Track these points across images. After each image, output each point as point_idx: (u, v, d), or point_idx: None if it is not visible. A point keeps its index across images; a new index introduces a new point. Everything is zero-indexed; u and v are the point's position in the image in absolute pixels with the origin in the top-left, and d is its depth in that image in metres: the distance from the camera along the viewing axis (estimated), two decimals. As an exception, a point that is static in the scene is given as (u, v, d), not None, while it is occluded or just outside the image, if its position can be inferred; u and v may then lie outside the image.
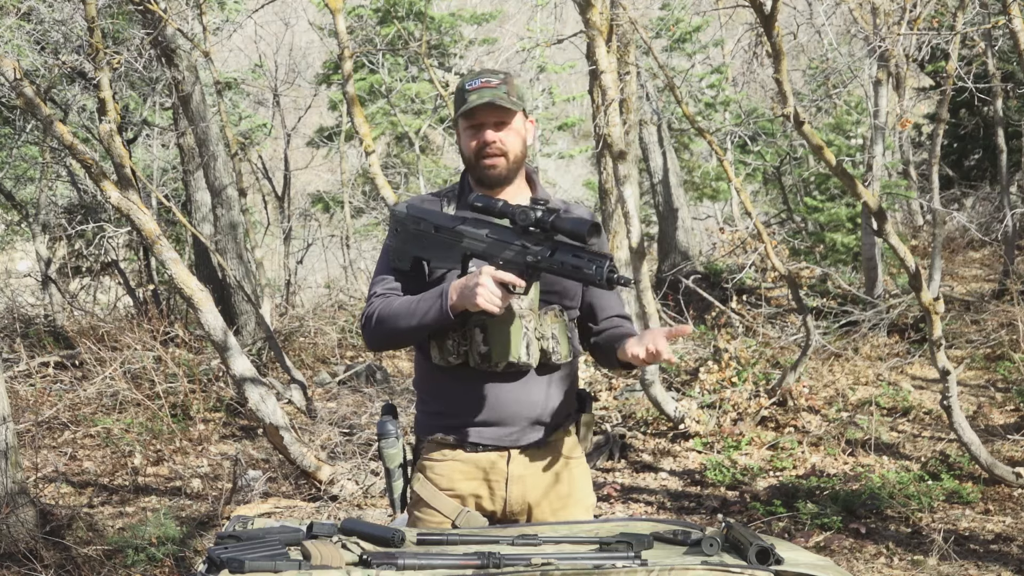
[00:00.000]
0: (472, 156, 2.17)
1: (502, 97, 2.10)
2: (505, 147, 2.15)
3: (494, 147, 2.14)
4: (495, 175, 2.16)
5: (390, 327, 2.12)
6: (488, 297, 1.95)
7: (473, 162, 2.17)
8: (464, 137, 2.18)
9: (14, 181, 12.02)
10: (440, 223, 2.13)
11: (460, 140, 2.22)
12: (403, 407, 6.79)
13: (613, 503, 5.23)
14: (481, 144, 2.15)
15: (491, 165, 2.16)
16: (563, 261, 1.98)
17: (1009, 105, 11.24)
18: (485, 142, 2.14)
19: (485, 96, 2.10)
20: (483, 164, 2.16)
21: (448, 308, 2.02)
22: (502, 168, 2.16)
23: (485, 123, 2.14)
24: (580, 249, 1.98)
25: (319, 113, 16.99)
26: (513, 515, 2.19)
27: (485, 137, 2.14)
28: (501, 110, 2.13)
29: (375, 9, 14.11)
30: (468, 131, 2.17)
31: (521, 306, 2.08)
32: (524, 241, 2.02)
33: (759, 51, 7.77)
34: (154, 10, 7.22)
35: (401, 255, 2.18)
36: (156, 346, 7.24)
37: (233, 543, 1.69)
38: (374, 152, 6.27)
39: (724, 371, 6.57)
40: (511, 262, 2.02)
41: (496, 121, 2.14)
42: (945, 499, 4.89)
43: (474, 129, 2.15)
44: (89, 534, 4.68)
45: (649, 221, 15.71)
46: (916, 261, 4.46)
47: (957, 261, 11.50)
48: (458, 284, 2.03)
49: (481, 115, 2.13)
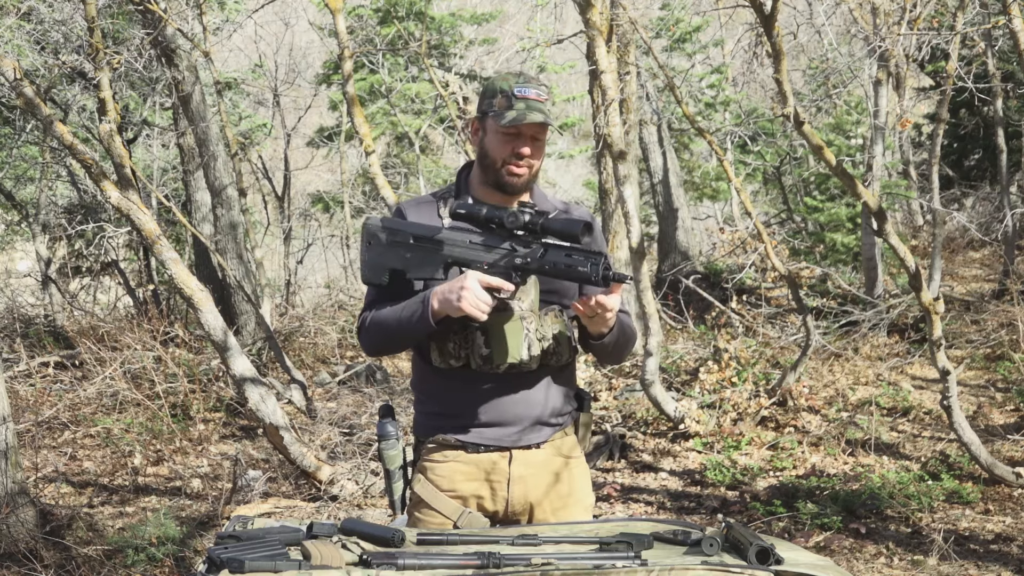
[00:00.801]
0: (500, 161, 2.12)
1: (547, 115, 2.08)
2: (534, 162, 2.14)
3: (526, 161, 2.12)
4: (518, 185, 2.14)
5: (381, 338, 2.13)
6: (473, 302, 1.94)
7: (498, 167, 2.13)
8: (496, 139, 2.12)
9: (14, 181, 12.03)
10: (419, 232, 2.09)
11: (485, 138, 2.15)
12: (403, 407, 6.79)
13: (613, 503, 5.23)
14: (515, 154, 2.11)
15: (518, 175, 2.12)
16: (555, 261, 1.96)
17: (1009, 105, 11.24)
18: (521, 154, 2.11)
19: (536, 112, 2.07)
20: (510, 171, 2.12)
21: (430, 315, 2.01)
22: (525, 180, 2.14)
23: (524, 135, 2.10)
24: (573, 249, 1.96)
25: (319, 113, 16.99)
26: (515, 515, 2.19)
27: (522, 150, 2.10)
28: (544, 128, 2.11)
29: (375, 9, 14.11)
30: (504, 136, 2.10)
31: (522, 307, 2.06)
32: (512, 244, 2.00)
33: (759, 51, 7.77)
34: (154, 10, 7.22)
35: (376, 269, 2.13)
36: (156, 346, 7.25)
37: (233, 543, 1.69)
38: (374, 152, 6.27)
39: (724, 371, 6.57)
40: (498, 266, 2.00)
41: (534, 135, 2.11)
42: (945, 499, 4.89)
43: (511, 137, 2.10)
44: (89, 534, 4.68)
45: (649, 221, 15.71)
46: (916, 261, 4.46)
47: (957, 261, 11.50)
48: (441, 290, 2.01)
49: (526, 128, 2.10)
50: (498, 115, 2.09)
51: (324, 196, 15.39)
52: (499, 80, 2.13)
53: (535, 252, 1.99)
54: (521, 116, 2.06)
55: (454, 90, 10.19)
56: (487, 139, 2.14)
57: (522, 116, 2.06)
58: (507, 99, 2.08)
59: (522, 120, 2.05)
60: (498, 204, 2.11)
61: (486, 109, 2.13)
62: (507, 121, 2.06)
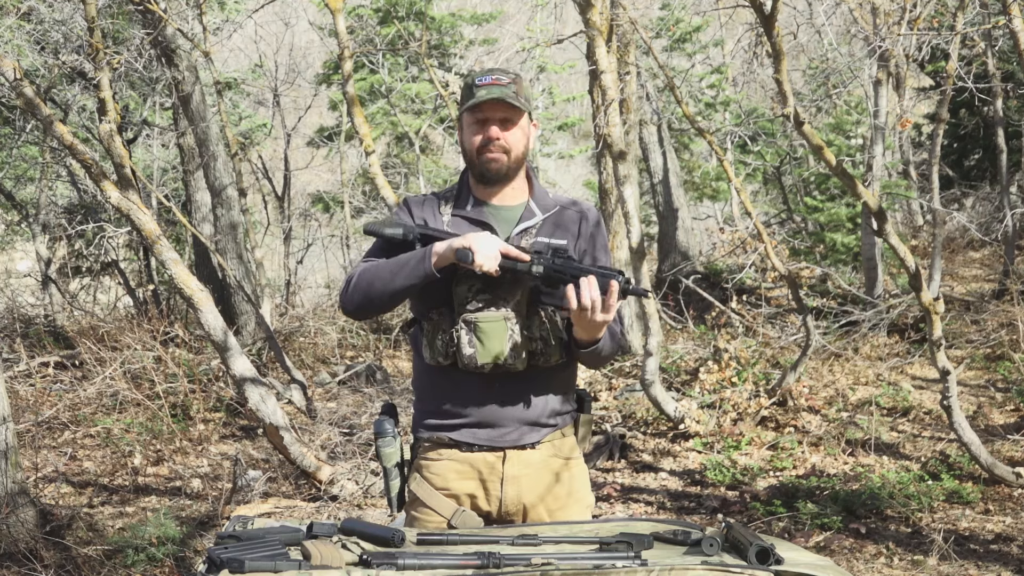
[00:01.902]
0: (474, 151, 2.15)
1: (511, 96, 2.10)
2: (508, 145, 2.15)
3: (497, 144, 2.14)
4: (495, 170, 2.15)
5: (369, 287, 2.10)
6: (488, 255, 1.99)
7: (474, 157, 2.16)
8: (468, 132, 2.17)
9: (14, 181, 12.03)
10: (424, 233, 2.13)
11: (463, 135, 2.20)
12: (403, 407, 6.79)
13: (613, 503, 5.23)
14: (485, 139, 2.14)
15: (492, 160, 2.14)
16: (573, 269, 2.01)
17: (1009, 105, 11.25)
18: (489, 138, 2.13)
19: (495, 92, 2.09)
20: (485, 158, 2.14)
21: (431, 257, 2.03)
22: (503, 165, 2.15)
23: (491, 119, 2.13)
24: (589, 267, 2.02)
25: (319, 113, 16.99)
26: (508, 515, 2.19)
27: (490, 133, 2.13)
28: (509, 108, 2.13)
29: (375, 9, 14.11)
30: (473, 126, 2.15)
31: (506, 308, 2.09)
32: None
33: (759, 51, 7.77)
34: (154, 10, 7.22)
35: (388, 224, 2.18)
36: (156, 346, 7.25)
37: (233, 543, 1.69)
38: (374, 152, 6.27)
39: (724, 371, 6.57)
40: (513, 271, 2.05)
41: (502, 118, 2.13)
42: (945, 499, 4.89)
43: (479, 124, 2.14)
44: (89, 534, 4.68)
45: (649, 221, 15.71)
46: (916, 261, 4.46)
47: (957, 261, 11.50)
48: (450, 240, 2.04)
49: (488, 110, 2.12)
50: (464, 107, 2.15)
51: (324, 196, 15.39)
52: (467, 77, 2.19)
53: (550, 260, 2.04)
54: (479, 99, 2.10)
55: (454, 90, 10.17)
56: (462, 135, 2.20)
57: (480, 99, 2.10)
58: (470, 90, 2.14)
59: (480, 101, 2.10)
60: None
61: (460, 107, 2.18)
62: (466, 106, 2.13)
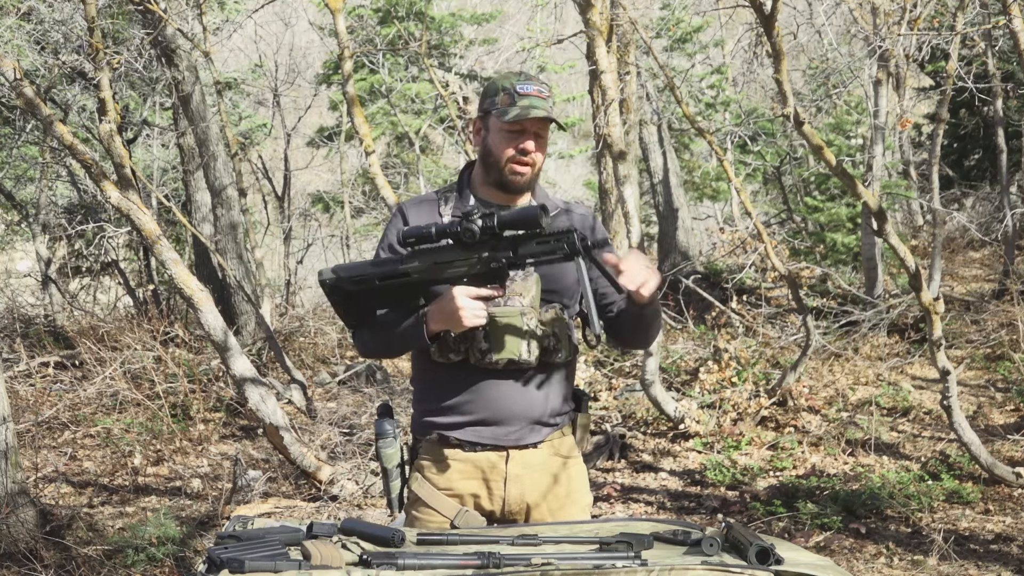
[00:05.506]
0: (503, 160, 2.11)
1: (551, 111, 2.09)
2: (536, 160, 2.13)
3: (529, 158, 2.12)
4: (521, 183, 2.14)
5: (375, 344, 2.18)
6: (470, 317, 1.98)
7: (501, 166, 2.12)
8: (498, 137, 2.11)
9: (14, 181, 12.02)
10: (382, 272, 2.09)
11: (490, 138, 2.14)
12: (403, 407, 6.79)
13: (613, 503, 5.23)
14: (519, 151, 2.11)
15: (521, 173, 2.12)
16: (530, 253, 1.98)
17: (1009, 105, 11.24)
18: (525, 151, 2.11)
19: (538, 108, 2.07)
20: (513, 170, 2.12)
21: (426, 335, 2.06)
22: (528, 178, 2.14)
23: (527, 131, 2.10)
24: (538, 235, 1.97)
25: (319, 113, 16.98)
26: (511, 515, 2.19)
27: (526, 146, 2.10)
28: (547, 124, 2.11)
29: (375, 9, 14.11)
30: (507, 134, 2.10)
31: (523, 304, 2.06)
32: (479, 252, 2.01)
33: (759, 51, 7.77)
34: (154, 10, 7.22)
35: (355, 316, 2.16)
36: (156, 346, 7.25)
37: (233, 543, 1.69)
38: (374, 152, 6.27)
39: (724, 371, 6.57)
40: (476, 276, 2.02)
41: (536, 132, 2.11)
42: (945, 499, 4.89)
43: (514, 134, 2.10)
44: (89, 534, 4.68)
45: (649, 221, 15.71)
46: (916, 261, 4.45)
47: (957, 261, 11.50)
48: (433, 312, 2.05)
49: (529, 123, 2.10)
50: (501, 112, 2.09)
51: (324, 196, 15.40)
52: (501, 79, 2.14)
53: (505, 250, 1.99)
54: (525, 112, 2.06)
55: (454, 90, 10.18)
56: (490, 137, 2.14)
57: (526, 112, 2.06)
58: (510, 96, 2.09)
59: (526, 115, 2.06)
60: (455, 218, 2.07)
61: (488, 108, 2.13)
62: (510, 117, 2.07)
